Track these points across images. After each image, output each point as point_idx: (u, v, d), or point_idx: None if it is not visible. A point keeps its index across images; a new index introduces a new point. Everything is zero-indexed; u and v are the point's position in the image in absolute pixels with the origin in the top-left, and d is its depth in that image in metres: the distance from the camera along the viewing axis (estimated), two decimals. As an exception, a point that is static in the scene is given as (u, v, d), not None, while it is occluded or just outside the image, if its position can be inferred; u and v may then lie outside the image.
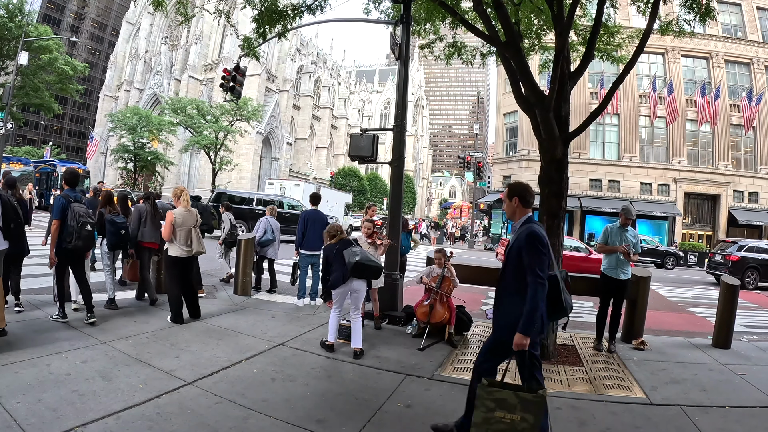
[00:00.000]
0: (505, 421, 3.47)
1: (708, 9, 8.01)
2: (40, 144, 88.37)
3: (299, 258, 9.56)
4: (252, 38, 10.21)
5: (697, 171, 39.02)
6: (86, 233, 6.64)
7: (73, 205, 6.63)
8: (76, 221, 6.52)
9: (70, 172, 7.13)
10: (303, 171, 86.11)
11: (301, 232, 9.42)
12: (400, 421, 4.39)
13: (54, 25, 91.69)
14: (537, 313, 3.63)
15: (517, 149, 42.13)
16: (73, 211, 6.56)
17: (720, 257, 21.07)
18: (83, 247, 6.74)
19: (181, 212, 7.33)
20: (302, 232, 9.41)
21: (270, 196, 27.76)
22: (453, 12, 8.20)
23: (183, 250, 7.31)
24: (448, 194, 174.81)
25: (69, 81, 46.34)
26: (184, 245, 7.33)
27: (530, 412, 3.47)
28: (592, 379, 5.89)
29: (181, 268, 7.45)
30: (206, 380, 4.94)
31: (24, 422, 3.67)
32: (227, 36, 73.15)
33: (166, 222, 7.25)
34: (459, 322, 7.62)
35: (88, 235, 6.69)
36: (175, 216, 7.24)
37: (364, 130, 9.48)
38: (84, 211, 6.70)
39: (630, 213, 7.55)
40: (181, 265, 7.46)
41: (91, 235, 6.83)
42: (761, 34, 39.68)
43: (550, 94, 6.82)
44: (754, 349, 7.88)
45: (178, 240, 7.30)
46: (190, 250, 7.36)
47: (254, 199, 25.18)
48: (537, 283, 3.65)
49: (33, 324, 6.30)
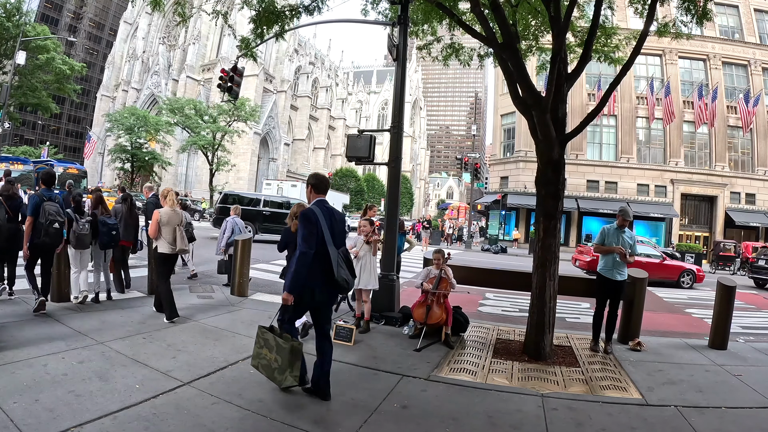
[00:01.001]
0: (268, 358, 4.67)
1: (705, 11, 8.02)
2: (37, 144, 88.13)
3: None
4: (250, 39, 10.20)
5: (694, 172, 39.13)
6: (54, 231, 7.04)
7: (45, 203, 7.03)
8: (46, 219, 6.94)
9: (46, 173, 7.54)
10: (300, 171, 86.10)
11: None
12: (397, 421, 4.39)
13: (52, 24, 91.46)
14: (298, 276, 4.51)
15: (514, 150, 42.22)
16: (44, 209, 6.97)
17: (764, 261, 21.34)
18: (51, 243, 7.12)
19: (167, 211, 7.55)
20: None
21: (280, 198, 27.42)
22: (450, 13, 8.20)
23: (170, 247, 7.49)
24: (446, 195, 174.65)
25: (66, 81, 46.38)
26: (171, 242, 7.50)
27: (281, 355, 4.57)
28: (589, 380, 5.90)
29: (169, 265, 7.76)
30: (203, 381, 4.93)
31: (21, 422, 3.67)
32: (225, 36, 73.23)
33: (153, 220, 7.48)
34: (456, 323, 7.62)
35: (55, 233, 7.09)
36: (161, 215, 7.46)
37: (361, 130, 9.49)
38: (55, 209, 7.10)
39: (627, 214, 7.56)
40: (170, 263, 7.76)
41: (59, 233, 7.19)
42: (759, 36, 39.82)
43: (547, 96, 6.83)
44: (750, 350, 7.90)
45: (165, 237, 7.46)
46: (175, 247, 7.53)
47: (261, 200, 24.81)
48: (301, 253, 4.50)
49: (30, 324, 6.29)
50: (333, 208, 4.91)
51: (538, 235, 7.02)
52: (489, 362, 6.45)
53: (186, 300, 8.61)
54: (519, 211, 41.43)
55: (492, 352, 6.99)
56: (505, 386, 5.51)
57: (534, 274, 6.95)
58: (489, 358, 6.63)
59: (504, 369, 6.19)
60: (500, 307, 11.36)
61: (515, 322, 9.36)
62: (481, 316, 9.99)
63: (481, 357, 6.67)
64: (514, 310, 11.02)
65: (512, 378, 5.86)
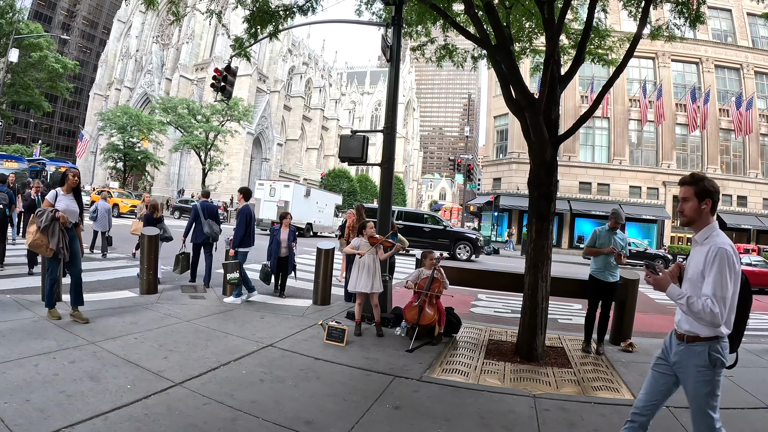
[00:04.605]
0: None
1: (698, 14, 8.07)
2: (29, 142, 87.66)
3: (241, 255, 9.45)
4: (243, 38, 10.18)
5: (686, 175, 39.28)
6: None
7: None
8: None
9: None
10: (293, 172, 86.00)
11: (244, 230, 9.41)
12: (389, 422, 4.39)
13: (45, 22, 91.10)
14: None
15: (507, 152, 42.33)
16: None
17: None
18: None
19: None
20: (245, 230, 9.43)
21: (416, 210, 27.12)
22: (444, 15, 8.21)
23: None
24: (439, 196, 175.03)
25: (59, 79, 46.23)
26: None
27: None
28: (581, 381, 5.92)
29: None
30: (195, 381, 4.92)
31: (11, 423, 3.65)
32: (219, 36, 72.91)
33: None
34: (448, 323, 7.64)
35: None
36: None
37: (354, 131, 9.49)
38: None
39: (619, 216, 7.58)
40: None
41: (2, 213, 10.37)
42: (751, 40, 40.11)
43: (540, 98, 6.85)
44: (742, 352, 7.91)
45: None
46: None
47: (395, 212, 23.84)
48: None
49: (21, 324, 6.26)
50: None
51: (530, 237, 7.03)
52: (481, 363, 6.46)
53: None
54: (511, 213, 41.53)
55: (484, 352, 6.99)
56: (497, 387, 5.52)
57: (526, 276, 6.97)
58: (481, 359, 6.64)
59: (496, 370, 6.20)
60: (492, 308, 11.38)
61: (507, 323, 9.38)
62: (474, 317, 10.00)
63: (473, 358, 6.68)
64: (506, 311, 11.04)
65: (504, 379, 5.87)
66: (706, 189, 3.17)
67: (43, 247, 6.52)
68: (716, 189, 3.21)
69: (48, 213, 6.56)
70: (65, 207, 6.78)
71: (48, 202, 6.74)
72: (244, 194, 9.85)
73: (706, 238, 3.14)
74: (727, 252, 2.97)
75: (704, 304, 2.89)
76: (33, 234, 6.51)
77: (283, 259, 10.19)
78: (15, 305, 7.19)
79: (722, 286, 2.92)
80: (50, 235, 6.52)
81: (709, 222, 3.19)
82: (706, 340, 3.08)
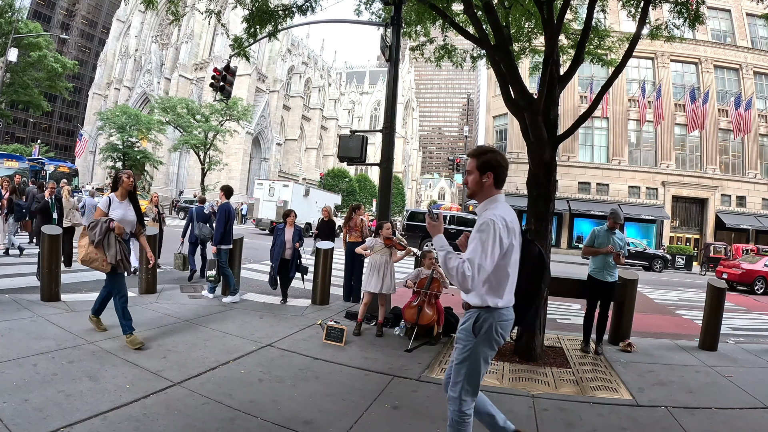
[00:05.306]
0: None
1: (697, 14, 8.08)
2: (28, 142, 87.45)
3: (223, 253, 9.32)
4: (242, 38, 10.19)
5: (685, 175, 39.35)
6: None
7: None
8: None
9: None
10: (292, 172, 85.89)
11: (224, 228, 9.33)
12: (388, 422, 4.39)
13: (44, 21, 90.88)
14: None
15: (506, 152, 42.23)
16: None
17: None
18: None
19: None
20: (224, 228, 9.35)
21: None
22: (443, 15, 8.21)
23: None
24: (438, 196, 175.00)
25: (58, 78, 46.15)
26: None
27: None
28: (579, 381, 5.92)
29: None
30: (193, 381, 4.92)
31: (10, 422, 3.64)
32: (218, 35, 72.76)
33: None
34: (447, 323, 7.64)
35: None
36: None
37: (353, 131, 9.50)
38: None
39: (618, 216, 7.58)
40: None
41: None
42: (750, 40, 40.10)
43: (539, 98, 6.84)
44: (740, 351, 7.95)
45: None
46: None
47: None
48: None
49: (19, 324, 6.25)
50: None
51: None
52: (480, 363, 6.45)
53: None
54: (511, 213, 41.35)
55: (483, 352, 6.98)
56: (496, 387, 5.51)
57: (525, 276, 6.95)
58: (480, 359, 6.63)
59: (495, 370, 6.19)
60: (492, 308, 11.34)
61: (507, 323, 9.36)
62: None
63: (472, 358, 6.66)
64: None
65: (503, 379, 5.87)
66: (487, 162, 3.21)
67: (98, 261, 5.82)
68: (500, 163, 3.23)
69: (102, 224, 5.85)
70: (121, 216, 6.05)
71: (101, 211, 6.01)
72: (225, 192, 9.73)
73: (485, 210, 3.17)
74: (494, 223, 3.00)
75: (459, 264, 2.92)
76: (85, 248, 5.82)
77: (286, 262, 9.58)
78: (14, 305, 7.18)
79: (481, 253, 2.95)
80: (106, 248, 5.82)
81: (490, 195, 3.23)
82: (476, 308, 3.18)
